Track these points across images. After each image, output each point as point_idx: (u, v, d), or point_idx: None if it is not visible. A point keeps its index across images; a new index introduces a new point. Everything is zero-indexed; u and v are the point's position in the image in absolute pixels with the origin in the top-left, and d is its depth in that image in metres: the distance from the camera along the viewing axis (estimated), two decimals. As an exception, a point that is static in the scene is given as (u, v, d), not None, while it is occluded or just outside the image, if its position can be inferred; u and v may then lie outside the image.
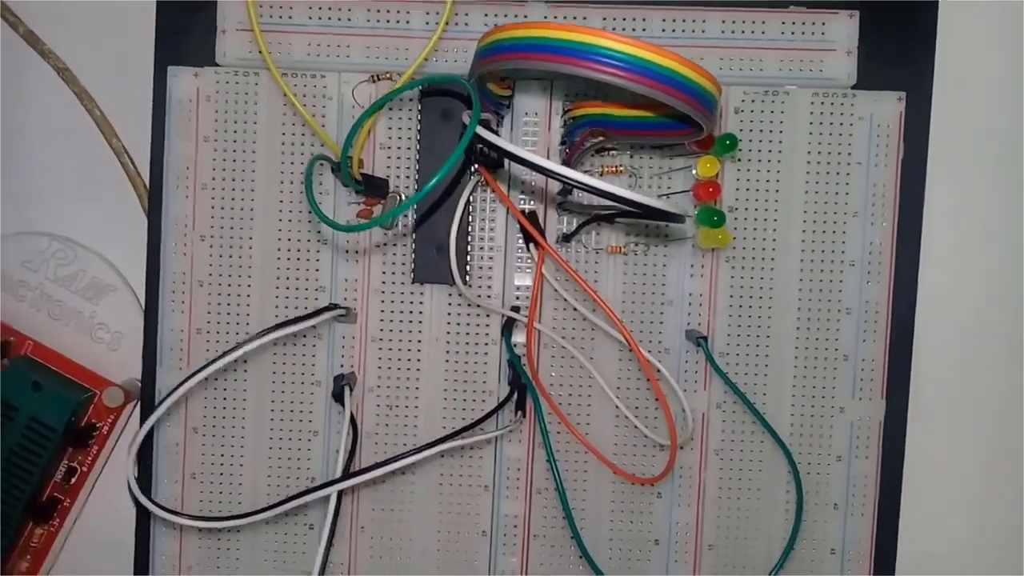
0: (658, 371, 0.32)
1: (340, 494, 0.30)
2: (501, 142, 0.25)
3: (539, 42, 0.23)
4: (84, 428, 0.33)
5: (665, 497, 0.33)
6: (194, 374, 0.29)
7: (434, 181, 0.24)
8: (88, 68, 0.35)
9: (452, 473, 0.34)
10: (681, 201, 0.33)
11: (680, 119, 0.27)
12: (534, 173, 0.32)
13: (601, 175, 0.33)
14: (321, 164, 0.32)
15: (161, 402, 0.29)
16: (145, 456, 0.33)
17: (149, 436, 0.33)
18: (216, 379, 0.33)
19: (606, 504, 0.33)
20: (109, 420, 0.34)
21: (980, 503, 0.35)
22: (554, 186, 0.33)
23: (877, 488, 0.34)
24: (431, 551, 0.34)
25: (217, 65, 0.33)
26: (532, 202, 0.33)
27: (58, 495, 0.34)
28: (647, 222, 0.32)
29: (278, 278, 0.33)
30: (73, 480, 0.34)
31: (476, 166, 0.32)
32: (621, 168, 0.33)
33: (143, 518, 0.34)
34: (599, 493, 0.34)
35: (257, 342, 0.29)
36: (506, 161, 0.32)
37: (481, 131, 0.24)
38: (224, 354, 0.29)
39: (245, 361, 0.33)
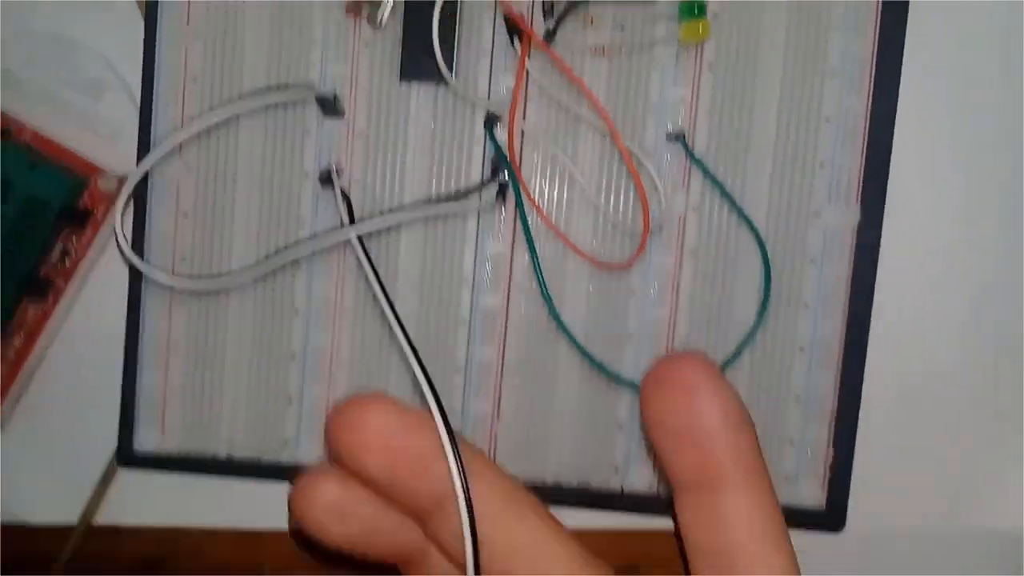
0: (639, 162, 0.33)
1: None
2: None
3: None
4: (79, 211, 0.34)
5: (640, 296, 0.34)
6: (184, 127, 0.33)
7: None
8: None
9: (434, 267, 0.34)
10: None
11: None
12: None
13: (586, -27, 0.33)
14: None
15: (156, 149, 0.32)
16: (138, 245, 0.34)
17: (142, 227, 0.34)
18: (207, 165, 0.34)
19: (582, 300, 0.34)
20: (103, 207, 0.35)
21: (947, 316, 0.35)
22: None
23: (848, 292, 0.34)
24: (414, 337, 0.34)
25: None
26: (519, 5, 0.34)
27: (52, 276, 0.35)
28: (634, 10, 0.33)
29: (269, 73, 0.34)
30: (67, 263, 0.35)
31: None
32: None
33: (135, 287, 0.35)
34: (576, 289, 0.34)
35: (243, 104, 0.30)
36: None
37: None
38: (216, 109, 0.30)
39: (236, 150, 0.34)
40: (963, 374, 0.36)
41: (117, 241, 0.32)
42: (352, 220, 0.33)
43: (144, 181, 0.34)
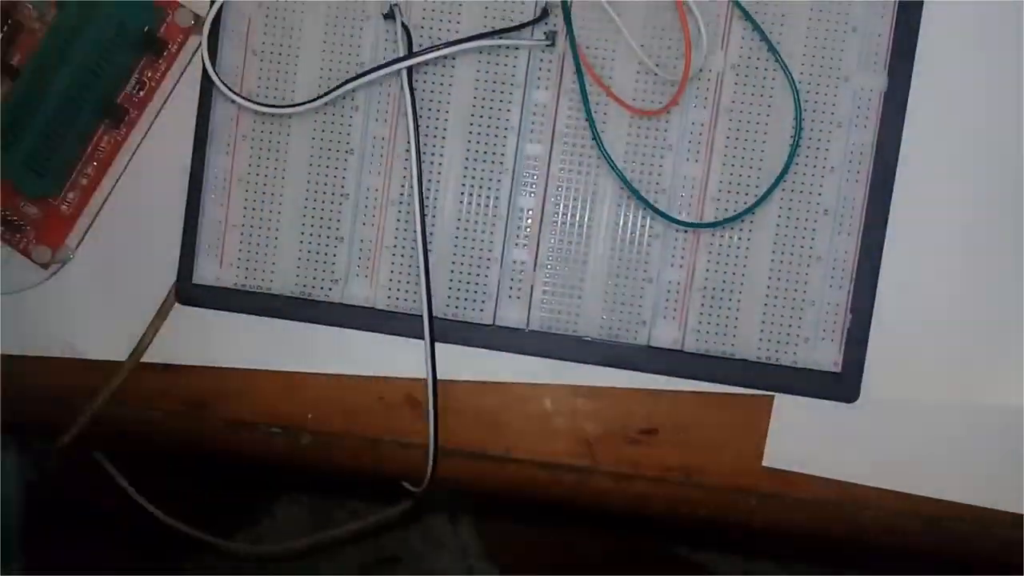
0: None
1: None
2: None
3: None
4: (157, 40, 0.37)
5: (677, 150, 0.36)
6: None
7: None
8: None
9: (482, 112, 0.37)
10: None
11: None
12: None
13: None
14: None
15: None
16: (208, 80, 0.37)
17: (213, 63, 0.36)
18: (274, 6, 0.36)
19: (621, 149, 0.36)
20: (178, 40, 0.37)
21: (975, 174, 0.37)
22: None
23: (873, 157, 0.36)
24: (455, 181, 0.37)
25: None
26: None
27: (127, 106, 0.37)
28: None
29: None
30: (142, 93, 0.37)
31: None
32: None
33: (203, 122, 0.37)
34: (616, 139, 0.36)
35: None
36: None
37: None
38: None
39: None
40: (983, 251, 0.37)
41: (204, 63, 0.34)
42: (410, 50, 0.35)
43: (216, 18, 0.37)
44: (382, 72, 0.34)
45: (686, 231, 0.36)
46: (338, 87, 0.35)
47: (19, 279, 0.39)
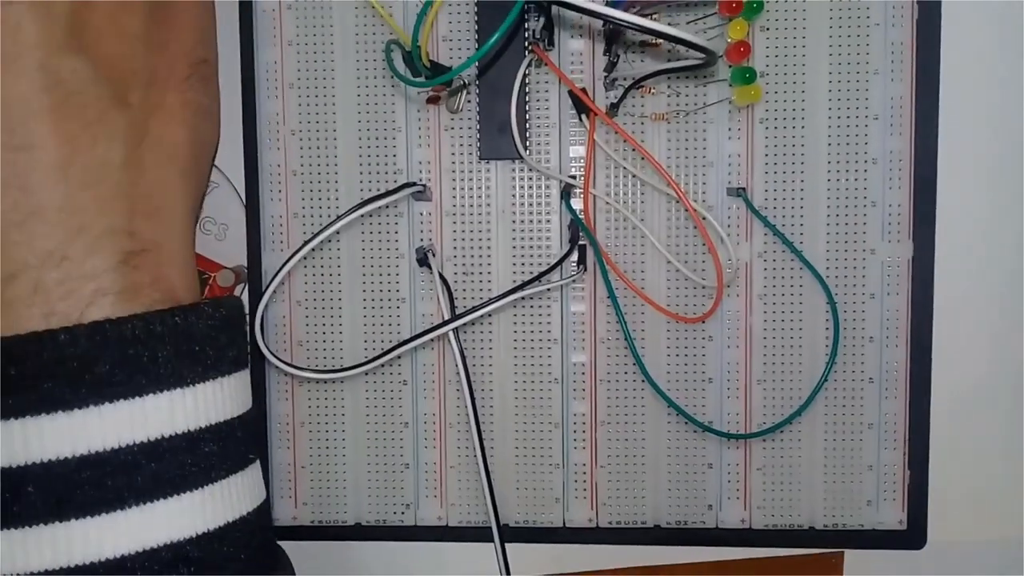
0: (704, 218, 0.36)
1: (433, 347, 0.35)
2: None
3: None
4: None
5: (716, 340, 0.37)
6: (295, 252, 0.35)
7: (496, 35, 0.28)
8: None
9: (525, 329, 0.38)
10: (717, 88, 0.36)
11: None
12: (582, 54, 0.36)
13: (643, 52, 0.36)
14: (393, 48, 0.36)
15: (271, 280, 0.36)
16: (253, 335, 0.38)
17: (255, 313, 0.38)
18: (313, 257, 0.38)
19: (662, 349, 0.37)
20: (223, 298, 0.38)
21: (1002, 334, 0.38)
22: (600, 64, 0.37)
23: (909, 321, 0.37)
24: (509, 396, 0.38)
25: (294, -24, 0.37)
26: (582, 82, 0.37)
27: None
28: (687, 80, 0.36)
29: (361, 164, 0.38)
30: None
31: (530, 46, 0.36)
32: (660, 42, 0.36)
33: (258, 380, 0.38)
34: (656, 339, 0.37)
35: (347, 218, 0.35)
36: (556, 40, 0.36)
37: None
38: (320, 231, 0.35)
39: (338, 239, 0.38)
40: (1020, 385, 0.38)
41: (255, 341, 0.35)
42: (453, 310, 0.36)
43: (258, 273, 0.38)
44: (428, 337, 0.36)
45: (739, 415, 0.37)
46: (385, 353, 0.36)
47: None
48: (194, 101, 0.33)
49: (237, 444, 0.30)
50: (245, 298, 0.39)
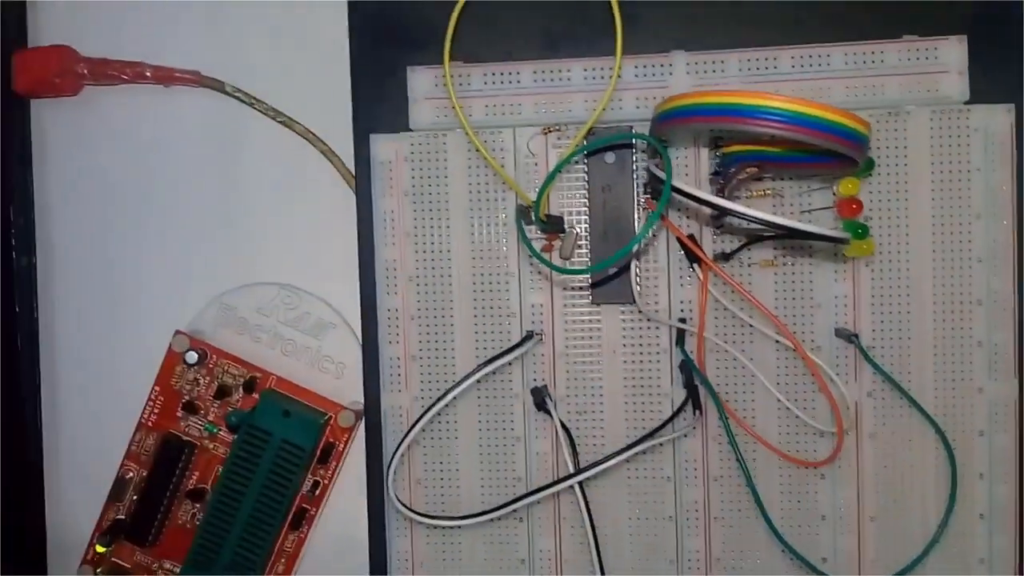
0: (822, 369, 0.37)
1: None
2: (700, 193, 0.30)
3: (720, 106, 0.29)
4: (325, 446, 0.40)
5: (828, 478, 0.38)
6: (429, 408, 0.38)
7: (647, 226, 0.30)
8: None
9: (639, 467, 0.39)
10: (822, 217, 0.37)
11: (832, 152, 0.31)
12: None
13: (750, 198, 0.38)
14: (525, 210, 0.37)
15: (408, 431, 0.38)
16: (376, 468, 0.39)
17: (380, 451, 0.39)
18: (428, 395, 0.39)
19: (775, 487, 0.38)
20: (344, 439, 0.40)
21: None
22: (708, 211, 0.38)
23: (1018, 458, 0.38)
24: (624, 535, 0.39)
25: (410, 130, 0.39)
26: (688, 225, 0.38)
27: (306, 505, 0.40)
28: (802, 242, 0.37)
29: (475, 308, 0.39)
30: (317, 492, 0.40)
31: (644, 202, 0.37)
32: (769, 191, 0.37)
33: (377, 521, 0.39)
34: (768, 478, 0.38)
35: (472, 379, 0.37)
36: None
37: (679, 184, 0.30)
38: (449, 390, 0.38)
39: (455, 381, 0.39)
40: None
41: (386, 493, 0.37)
42: (576, 461, 0.38)
43: (375, 412, 0.39)
44: (553, 490, 0.37)
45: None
46: (506, 505, 0.38)
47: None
48: None
49: None
50: (361, 436, 0.40)
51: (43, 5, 0.42)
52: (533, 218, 0.37)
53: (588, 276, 0.38)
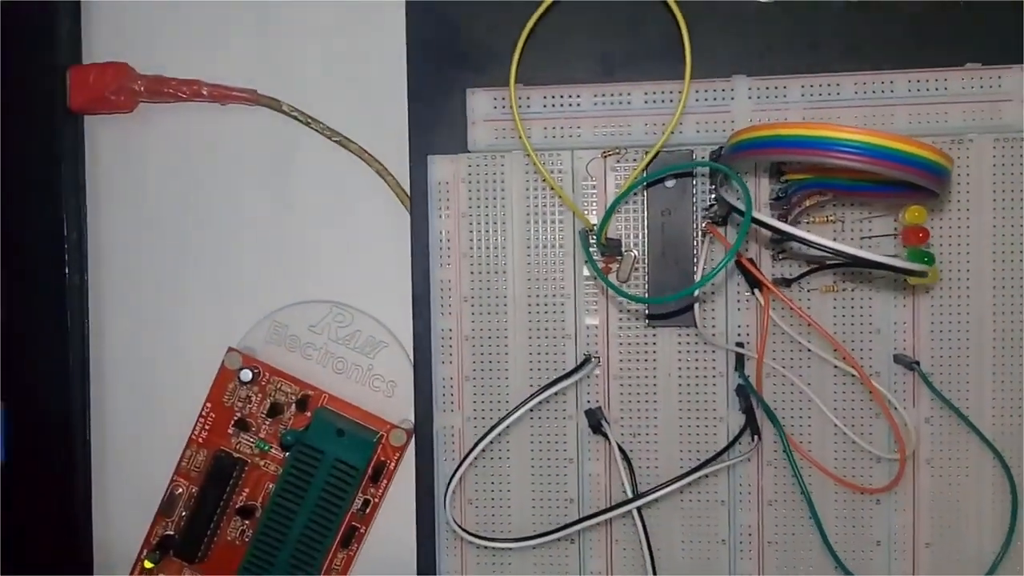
0: (885, 395, 0.37)
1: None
2: (779, 224, 0.30)
3: (796, 139, 0.29)
4: (377, 464, 0.39)
5: (884, 503, 0.38)
6: (487, 433, 0.38)
7: (724, 261, 0.30)
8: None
9: (692, 491, 0.39)
10: (883, 244, 0.37)
11: (902, 182, 0.31)
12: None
13: (811, 224, 0.38)
14: (585, 233, 0.37)
15: (467, 455, 0.38)
16: (426, 487, 0.39)
17: (431, 470, 0.39)
18: (480, 413, 0.39)
19: (830, 511, 0.38)
20: (395, 457, 0.40)
21: None
22: (767, 234, 0.38)
23: (1077, 486, 0.37)
24: (677, 558, 0.39)
25: (468, 151, 0.39)
26: (745, 248, 0.38)
27: (356, 523, 0.40)
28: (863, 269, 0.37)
29: (531, 329, 0.39)
30: (368, 510, 0.40)
31: (705, 226, 0.37)
32: (831, 218, 0.37)
33: (427, 539, 0.39)
34: (824, 502, 0.38)
35: (533, 401, 0.37)
36: (727, 217, 0.37)
37: (760, 216, 0.30)
38: (507, 415, 0.38)
39: (508, 402, 0.39)
40: None
41: (441, 514, 0.37)
42: (635, 485, 0.37)
43: (427, 431, 0.39)
44: (610, 515, 0.37)
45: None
46: (563, 528, 0.37)
47: None
48: None
49: None
50: (410, 453, 0.40)
51: (96, 21, 0.42)
52: (593, 241, 0.37)
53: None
